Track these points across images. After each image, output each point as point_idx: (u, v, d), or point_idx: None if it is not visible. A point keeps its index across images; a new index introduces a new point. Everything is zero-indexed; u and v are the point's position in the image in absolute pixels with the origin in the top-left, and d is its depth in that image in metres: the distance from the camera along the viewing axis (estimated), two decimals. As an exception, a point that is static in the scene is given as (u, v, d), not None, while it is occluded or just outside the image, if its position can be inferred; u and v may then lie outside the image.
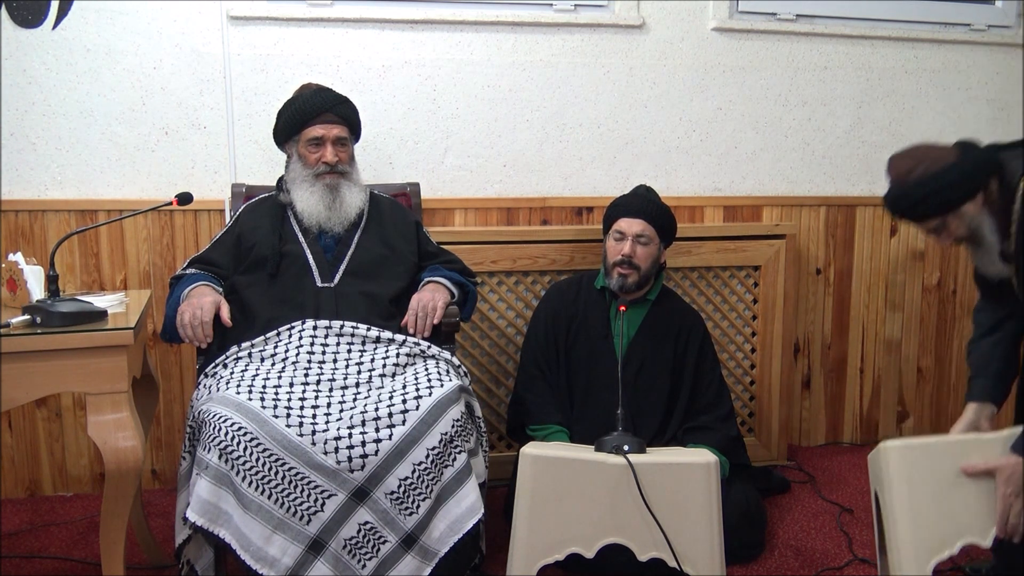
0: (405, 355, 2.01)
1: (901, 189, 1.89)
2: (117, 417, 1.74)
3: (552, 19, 2.78)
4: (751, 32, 2.91)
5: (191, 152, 2.63)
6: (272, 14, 2.61)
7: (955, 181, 1.85)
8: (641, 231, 2.31)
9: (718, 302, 2.84)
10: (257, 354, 1.98)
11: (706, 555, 1.87)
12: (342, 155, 2.21)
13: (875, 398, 3.17)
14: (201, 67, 2.60)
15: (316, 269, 2.15)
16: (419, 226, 2.38)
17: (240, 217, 2.29)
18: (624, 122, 2.87)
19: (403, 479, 1.77)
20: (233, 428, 1.73)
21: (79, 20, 2.52)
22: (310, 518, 1.73)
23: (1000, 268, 1.91)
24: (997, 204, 1.88)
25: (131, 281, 2.64)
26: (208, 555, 1.89)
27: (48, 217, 2.57)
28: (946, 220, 1.88)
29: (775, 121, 2.98)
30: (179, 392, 2.72)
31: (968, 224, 1.88)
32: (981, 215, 1.87)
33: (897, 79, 3.04)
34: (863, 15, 3.01)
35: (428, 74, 2.73)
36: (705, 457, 1.91)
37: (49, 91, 2.53)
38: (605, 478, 1.87)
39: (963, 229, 1.89)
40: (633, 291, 2.34)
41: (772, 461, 2.90)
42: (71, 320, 1.73)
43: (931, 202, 1.86)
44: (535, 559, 1.89)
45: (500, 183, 2.83)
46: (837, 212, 3.05)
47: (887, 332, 3.14)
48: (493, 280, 2.70)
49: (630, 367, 2.31)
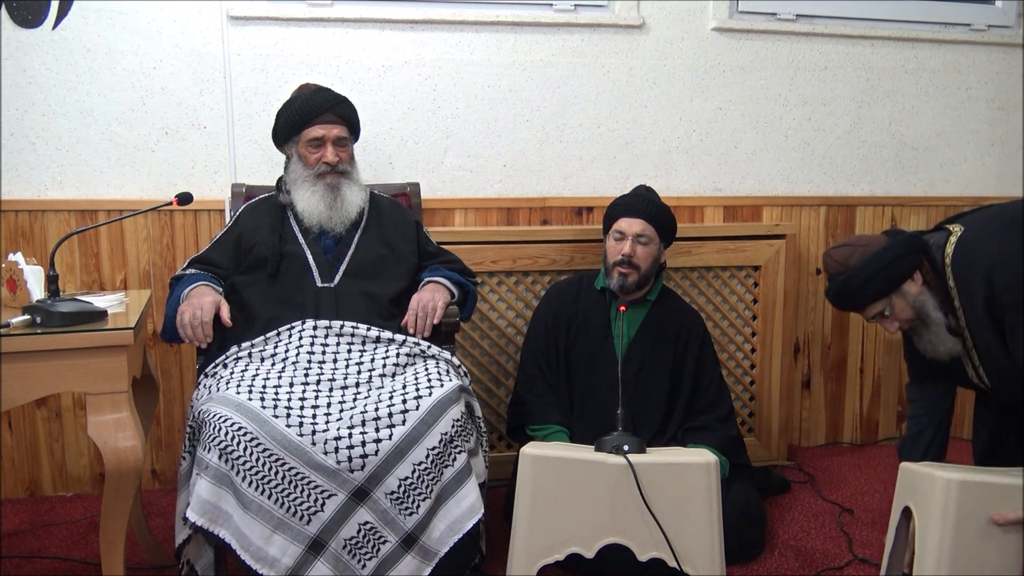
0: (405, 355, 2.01)
1: (843, 276, 2.02)
2: (117, 417, 1.74)
3: (552, 19, 2.78)
4: (751, 32, 2.91)
5: (191, 152, 2.63)
6: (272, 14, 2.61)
7: (892, 259, 1.98)
8: (641, 231, 2.31)
9: (718, 302, 2.84)
10: (257, 354, 1.98)
11: (706, 555, 1.87)
12: (342, 155, 2.21)
13: (875, 398, 3.17)
14: (201, 67, 2.60)
15: (316, 269, 2.15)
16: (419, 226, 2.38)
17: (240, 217, 2.29)
18: (624, 122, 2.87)
19: (403, 479, 1.77)
20: (233, 428, 1.73)
21: (79, 20, 2.52)
22: (310, 518, 1.73)
23: (950, 346, 2.01)
24: (933, 282, 2.00)
25: (131, 281, 2.64)
26: (208, 555, 1.89)
27: (48, 217, 2.57)
28: (892, 301, 2.00)
29: (775, 121, 2.98)
30: (179, 392, 2.72)
31: (912, 304, 2.00)
32: (923, 294, 2.00)
33: (897, 79, 3.04)
34: (863, 15, 3.02)
35: (428, 74, 2.73)
36: (705, 457, 1.91)
37: (49, 91, 2.53)
38: (605, 478, 1.87)
39: (908, 310, 2.01)
40: (633, 291, 2.34)
41: (772, 461, 2.89)
42: (71, 320, 1.73)
43: (874, 283, 1.99)
44: (535, 559, 1.89)
45: (500, 183, 2.83)
46: (837, 212, 3.05)
47: (887, 332, 3.14)
48: (493, 280, 2.70)
49: (630, 367, 2.31)
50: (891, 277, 1.98)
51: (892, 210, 3.09)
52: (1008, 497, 1.74)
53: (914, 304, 1.99)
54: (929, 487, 1.78)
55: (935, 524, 1.75)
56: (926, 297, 1.99)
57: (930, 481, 1.78)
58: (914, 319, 2.01)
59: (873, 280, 1.98)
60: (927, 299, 1.99)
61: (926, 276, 2.01)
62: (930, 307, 1.99)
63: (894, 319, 2.03)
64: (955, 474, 1.75)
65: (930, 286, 2.00)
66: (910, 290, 1.99)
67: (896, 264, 1.98)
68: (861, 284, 1.99)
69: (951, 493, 1.73)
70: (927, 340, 2.02)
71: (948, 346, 2.01)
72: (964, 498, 1.73)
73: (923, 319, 2.00)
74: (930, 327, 2.00)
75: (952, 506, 1.73)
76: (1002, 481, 1.75)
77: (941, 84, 3.08)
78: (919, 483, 1.84)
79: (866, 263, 1.99)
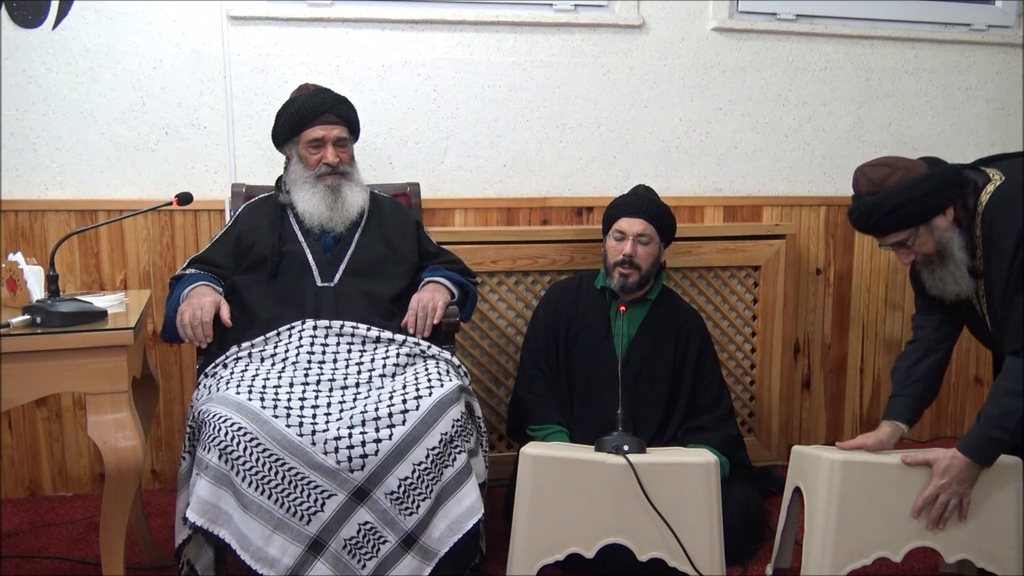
0: (405, 355, 2.01)
1: (875, 197, 1.88)
2: (117, 417, 1.74)
3: (552, 19, 2.78)
4: (751, 32, 2.91)
5: (191, 152, 2.63)
6: (272, 14, 2.61)
7: (931, 189, 1.86)
8: (642, 231, 2.31)
9: (718, 302, 2.84)
10: (257, 354, 1.98)
11: (706, 555, 1.88)
12: (342, 155, 2.21)
13: (875, 398, 3.17)
14: (201, 67, 2.60)
15: (316, 269, 2.15)
16: (419, 226, 2.38)
17: (239, 217, 2.29)
18: (624, 122, 2.87)
19: (403, 479, 1.77)
20: (233, 428, 1.73)
21: (79, 20, 2.52)
22: (310, 518, 1.73)
23: (964, 287, 1.92)
24: (964, 222, 1.90)
25: (131, 281, 2.64)
26: (208, 555, 1.89)
27: (48, 217, 2.57)
28: (917, 232, 1.88)
29: (775, 121, 2.98)
30: (179, 392, 2.72)
31: (937, 239, 1.89)
32: (951, 231, 1.89)
33: (897, 79, 3.04)
34: (863, 15, 3.01)
35: (428, 74, 2.73)
36: (705, 457, 1.91)
37: (49, 91, 2.53)
38: (605, 478, 1.87)
39: (931, 245, 1.90)
40: (634, 291, 2.34)
41: (772, 461, 2.89)
42: (71, 320, 1.73)
43: (907, 210, 1.86)
44: (535, 559, 1.89)
45: (500, 183, 2.83)
46: (837, 212, 3.04)
47: (887, 332, 3.14)
48: (493, 280, 2.70)
49: (630, 367, 2.31)
50: (925, 208, 1.85)
51: (892, 210, 3.09)
52: (888, 475, 1.86)
53: (940, 240, 1.88)
54: (816, 467, 1.90)
55: (821, 502, 1.86)
56: (953, 235, 1.88)
57: (816, 462, 1.90)
58: (933, 254, 1.90)
59: (906, 207, 1.85)
60: (954, 237, 1.88)
61: (958, 214, 1.89)
62: (955, 246, 1.88)
63: (913, 251, 1.91)
64: (839, 455, 1.87)
65: (960, 225, 1.89)
66: (939, 224, 1.87)
67: (934, 195, 1.85)
68: (893, 209, 1.85)
69: (835, 472, 1.84)
70: (939, 277, 1.92)
71: (962, 287, 1.91)
72: (848, 477, 1.84)
73: (943, 256, 1.90)
74: (948, 265, 1.90)
75: (836, 485, 1.84)
76: (882, 460, 1.88)
77: (941, 84, 3.08)
78: (807, 464, 1.96)
79: (903, 188, 1.85)
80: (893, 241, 1.92)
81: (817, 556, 1.86)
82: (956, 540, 1.87)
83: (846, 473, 1.84)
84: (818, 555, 1.85)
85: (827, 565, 1.84)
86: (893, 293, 3.12)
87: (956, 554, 1.87)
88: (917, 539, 1.86)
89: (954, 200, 1.88)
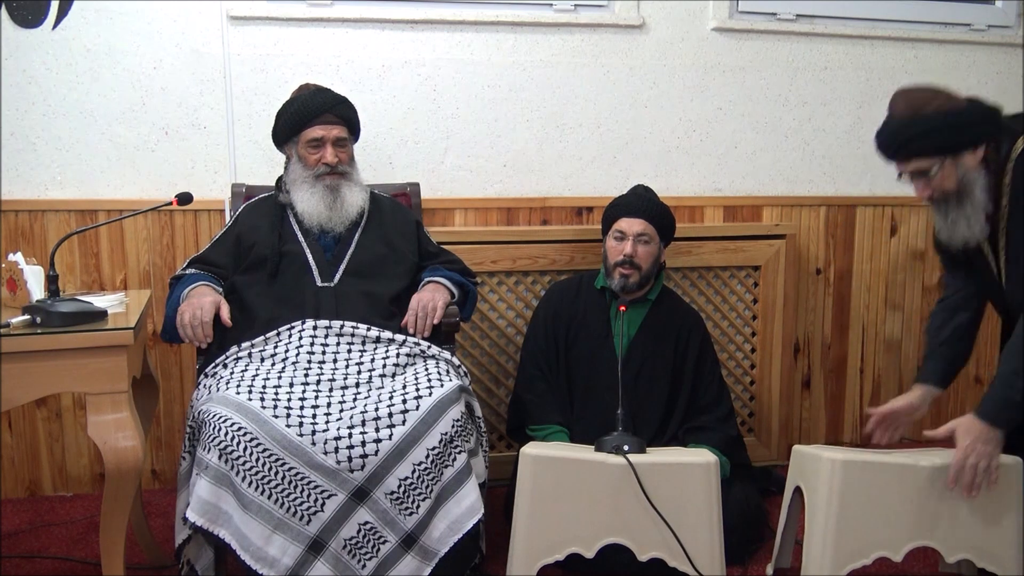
0: (405, 355, 2.01)
1: (911, 118, 1.81)
2: (117, 417, 1.74)
3: (552, 19, 2.78)
4: (751, 32, 2.91)
5: (191, 152, 2.63)
6: (272, 14, 2.61)
7: (970, 121, 1.81)
8: (642, 230, 2.31)
9: (718, 302, 2.84)
10: (257, 354, 1.98)
11: (706, 555, 1.87)
12: (342, 156, 2.21)
13: (875, 398, 3.17)
14: (201, 67, 2.60)
15: (316, 269, 2.15)
16: (419, 226, 2.38)
17: (239, 217, 2.29)
18: (624, 122, 2.87)
19: (403, 479, 1.77)
20: (233, 428, 1.73)
21: (79, 20, 2.52)
22: (310, 518, 1.73)
23: (975, 232, 1.86)
24: (993, 165, 1.84)
25: (131, 281, 2.64)
26: (208, 555, 1.89)
27: (48, 217, 2.57)
28: (943, 164, 1.82)
29: (775, 121, 2.98)
30: (179, 392, 2.72)
31: (961, 176, 1.83)
32: (977, 171, 1.83)
33: (897, 79, 3.04)
34: (863, 15, 3.01)
35: (428, 74, 2.73)
36: (705, 457, 1.91)
37: (49, 91, 2.53)
38: (605, 478, 1.87)
39: (953, 181, 1.83)
40: (634, 291, 2.34)
41: (772, 461, 2.89)
42: (71, 320, 1.73)
43: (941, 136, 1.80)
44: (535, 559, 1.89)
45: (500, 183, 2.83)
46: (837, 212, 3.05)
47: (887, 332, 3.14)
48: (493, 280, 2.70)
49: (630, 367, 2.31)
50: (959, 139, 1.80)
51: (892, 210, 3.09)
52: (888, 475, 1.85)
53: (963, 177, 1.82)
54: (816, 467, 1.90)
55: (822, 502, 1.86)
56: (979, 175, 1.82)
57: (817, 462, 1.90)
58: (951, 192, 1.84)
59: (941, 133, 1.79)
60: (979, 178, 1.82)
61: (988, 155, 1.83)
62: (978, 187, 1.82)
63: (932, 185, 1.84)
64: (839, 455, 1.86)
65: (988, 168, 1.83)
66: (967, 161, 1.81)
67: (969, 128, 1.80)
68: (926, 132, 1.79)
69: (836, 472, 1.84)
70: (951, 218, 1.86)
71: (974, 231, 1.86)
72: (848, 477, 1.84)
73: (961, 195, 1.83)
74: (964, 206, 1.84)
75: (837, 484, 1.83)
76: (883, 460, 1.86)
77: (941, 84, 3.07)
78: (808, 464, 1.97)
79: (942, 113, 1.79)
80: (915, 168, 1.84)
81: (817, 556, 1.86)
82: (956, 540, 1.86)
83: (846, 473, 1.84)
84: (818, 555, 1.86)
85: (827, 565, 1.84)
86: (893, 293, 3.12)
87: (956, 554, 1.87)
88: (917, 539, 1.86)
89: (988, 139, 1.83)
